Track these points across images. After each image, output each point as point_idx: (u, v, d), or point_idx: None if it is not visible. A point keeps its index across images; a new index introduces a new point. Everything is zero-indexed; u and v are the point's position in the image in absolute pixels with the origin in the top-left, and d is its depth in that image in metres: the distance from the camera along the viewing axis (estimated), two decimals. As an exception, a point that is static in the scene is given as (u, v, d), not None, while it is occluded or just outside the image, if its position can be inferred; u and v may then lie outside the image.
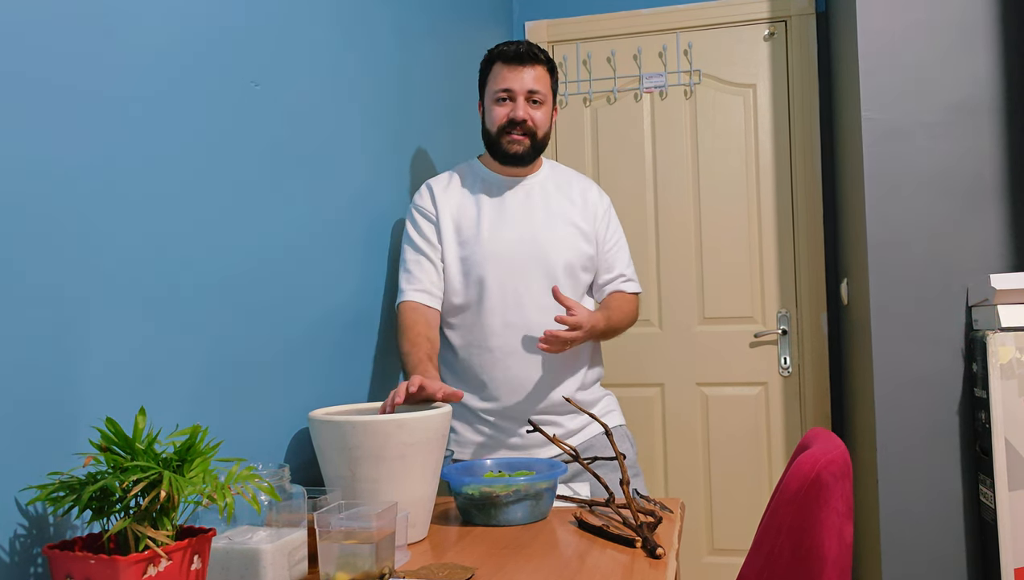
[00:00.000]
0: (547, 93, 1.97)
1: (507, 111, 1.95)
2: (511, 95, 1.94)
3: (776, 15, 3.14)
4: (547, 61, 1.98)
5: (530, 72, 1.94)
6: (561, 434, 1.97)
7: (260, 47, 1.54)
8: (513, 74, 1.94)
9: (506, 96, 1.95)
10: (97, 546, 0.97)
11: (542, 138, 1.98)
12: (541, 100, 1.96)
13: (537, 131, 1.96)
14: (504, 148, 1.96)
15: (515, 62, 1.94)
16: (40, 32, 1.04)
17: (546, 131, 1.99)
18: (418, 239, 1.97)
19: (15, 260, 1.00)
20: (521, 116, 1.94)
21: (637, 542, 1.40)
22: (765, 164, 3.14)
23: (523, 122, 1.94)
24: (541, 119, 1.96)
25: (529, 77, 1.94)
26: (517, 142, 1.95)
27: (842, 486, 1.41)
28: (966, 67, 2.32)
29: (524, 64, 1.94)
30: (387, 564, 1.18)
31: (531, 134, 1.95)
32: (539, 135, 1.97)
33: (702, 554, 3.13)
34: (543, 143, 1.99)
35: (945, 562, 2.28)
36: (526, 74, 1.94)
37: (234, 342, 1.43)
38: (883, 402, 2.34)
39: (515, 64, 1.94)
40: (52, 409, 1.04)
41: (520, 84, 1.94)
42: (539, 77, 1.95)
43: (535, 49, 1.96)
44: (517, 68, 1.94)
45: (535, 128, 1.96)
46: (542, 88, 1.95)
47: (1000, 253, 2.28)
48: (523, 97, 1.94)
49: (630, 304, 2.07)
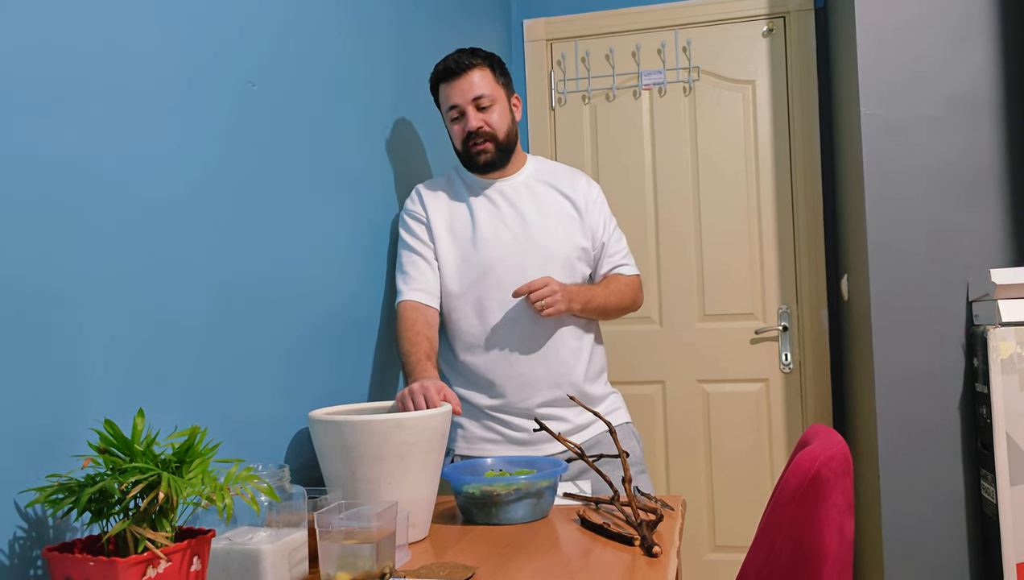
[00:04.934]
0: (494, 92, 1.97)
1: (462, 126, 1.97)
2: (459, 109, 1.96)
3: (775, 11, 3.14)
4: (485, 58, 1.98)
5: (468, 79, 1.95)
6: (568, 430, 1.97)
7: (256, 47, 1.54)
8: (453, 89, 1.96)
9: (456, 112, 1.97)
10: (96, 548, 0.97)
11: (505, 137, 1.98)
12: (489, 103, 1.95)
13: (496, 133, 1.96)
14: (474, 160, 1.98)
15: (451, 77, 1.96)
16: (36, 32, 1.04)
17: (507, 129, 1.98)
18: (412, 241, 1.98)
19: (13, 261, 0.99)
20: (474, 125, 1.95)
21: (636, 540, 1.40)
22: (764, 160, 3.14)
23: (479, 129, 1.95)
24: (497, 120, 1.97)
25: (468, 85, 1.94)
26: (482, 150, 1.96)
27: (843, 482, 1.41)
28: (965, 61, 2.31)
29: (459, 75, 1.95)
30: (388, 564, 1.18)
31: (491, 137, 1.96)
32: (500, 136, 1.97)
33: (704, 551, 3.13)
34: (508, 141, 1.99)
35: (947, 557, 2.28)
36: (464, 83, 1.95)
37: (233, 343, 1.43)
38: (884, 398, 2.33)
39: (451, 79, 1.96)
40: (51, 411, 1.04)
41: (462, 96, 1.95)
42: (480, 80, 1.95)
43: (464, 56, 1.96)
44: (454, 81, 1.95)
45: (493, 131, 1.96)
46: (486, 89, 1.95)
47: (1000, 248, 2.28)
48: (471, 107, 1.95)
49: (626, 285, 2.06)
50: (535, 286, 1.85)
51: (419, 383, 1.63)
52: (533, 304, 1.85)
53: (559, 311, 1.88)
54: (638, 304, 2.11)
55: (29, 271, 1.02)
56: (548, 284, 1.86)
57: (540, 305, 1.85)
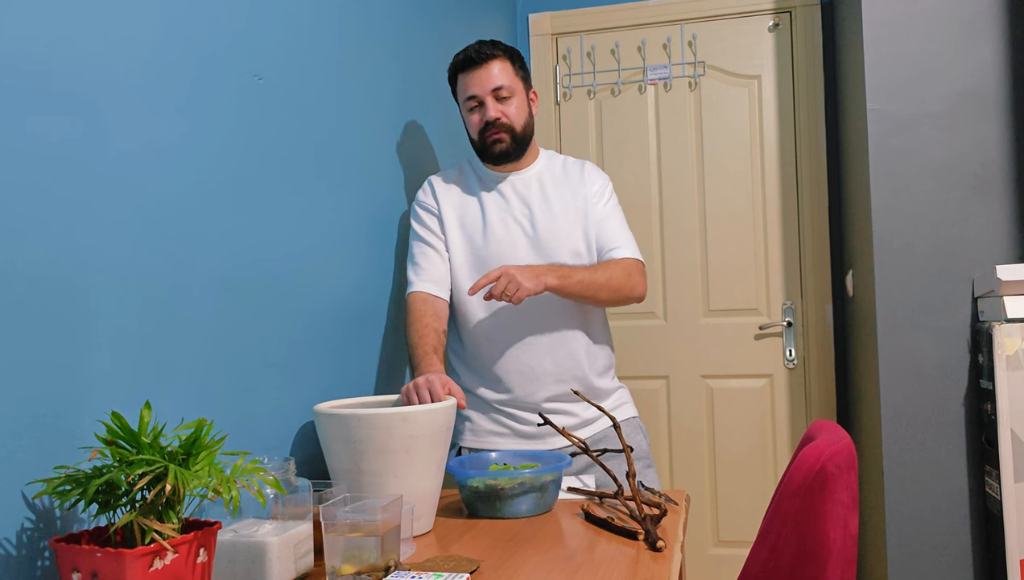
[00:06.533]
0: (513, 84, 1.97)
1: (480, 116, 1.97)
2: (478, 99, 1.96)
3: (781, 6, 3.13)
4: (505, 51, 1.98)
5: (488, 70, 1.95)
6: (575, 424, 1.97)
7: (262, 41, 1.54)
8: (473, 79, 1.96)
9: (475, 103, 1.97)
10: (103, 539, 0.98)
11: (522, 130, 1.98)
12: (508, 94, 1.96)
13: (513, 125, 1.96)
14: (490, 149, 1.97)
15: (471, 66, 1.96)
16: (39, 27, 1.05)
17: (524, 122, 1.99)
18: (423, 232, 1.99)
19: (21, 254, 1.00)
20: (492, 116, 1.95)
21: (640, 535, 1.40)
22: (770, 156, 3.13)
23: (496, 120, 1.95)
24: (515, 113, 1.97)
25: (488, 76, 1.94)
26: (498, 140, 1.96)
27: (847, 477, 1.41)
28: (972, 57, 2.31)
29: (480, 65, 1.95)
30: (392, 557, 1.18)
31: (508, 129, 1.96)
32: (517, 128, 1.97)
33: (707, 546, 3.13)
34: (524, 134, 1.99)
35: (950, 553, 2.28)
36: (484, 74, 1.95)
37: (239, 336, 1.43)
38: (888, 394, 2.33)
39: (472, 68, 1.96)
40: (58, 403, 1.05)
41: (481, 87, 1.95)
42: (500, 71, 1.95)
43: (486, 47, 1.96)
44: (475, 71, 1.95)
45: (510, 123, 1.96)
46: (506, 81, 1.95)
47: (1006, 244, 2.28)
48: (490, 98, 1.95)
49: (619, 266, 1.96)
50: (491, 279, 1.77)
51: (424, 377, 1.64)
52: (499, 299, 1.78)
53: (528, 290, 1.77)
54: (638, 290, 1.97)
55: (35, 264, 1.02)
56: (502, 274, 1.77)
57: (505, 297, 1.77)
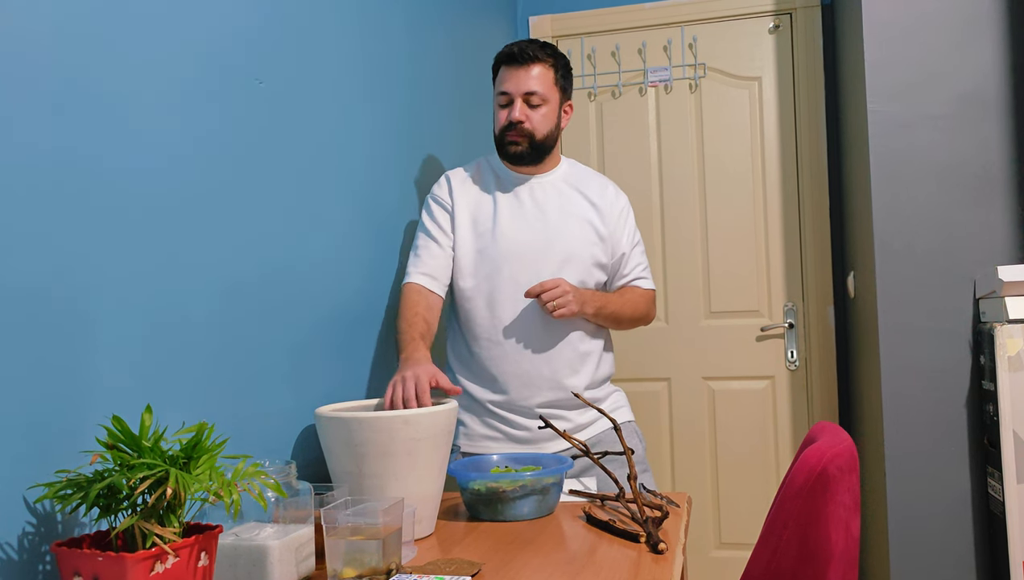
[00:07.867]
0: (548, 93, 1.95)
1: (506, 113, 1.96)
2: (509, 97, 1.95)
3: (781, 8, 3.13)
4: (551, 56, 1.97)
5: (527, 72, 1.93)
6: (570, 428, 1.97)
7: (264, 43, 1.54)
8: (511, 76, 1.95)
9: (506, 99, 1.96)
10: (105, 543, 0.98)
11: (543, 138, 1.96)
12: (539, 101, 1.94)
13: (535, 131, 1.95)
14: (506, 149, 1.97)
15: (513, 63, 1.95)
16: (39, 29, 1.05)
17: (548, 131, 1.97)
18: (431, 226, 1.98)
19: (21, 259, 1.00)
20: (516, 118, 1.94)
21: (641, 537, 1.40)
22: (771, 157, 3.13)
23: (519, 123, 1.94)
24: (540, 120, 1.95)
25: (526, 78, 1.93)
26: (515, 142, 1.95)
27: (848, 479, 1.41)
28: (973, 59, 2.30)
29: (521, 64, 1.94)
30: (394, 560, 1.18)
31: (528, 135, 1.95)
32: (537, 135, 1.95)
33: (709, 548, 3.13)
34: (545, 143, 1.97)
35: (953, 555, 2.28)
36: (523, 74, 1.94)
37: (240, 339, 1.43)
38: (890, 395, 2.33)
39: (513, 65, 1.95)
40: (59, 407, 1.05)
41: (516, 86, 1.94)
42: (539, 76, 1.94)
43: (533, 47, 1.94)
44: (514, 69, 1.95)
45: (532, 130, 1.94)
46: (541, 88, 1.94)
47: (1007, 245, 2.27)
48: (520, 99, 1.94)
49: (641, 297, 2.06)
50: (547, 286, 1.84)
51: (411, 371, 1.62)
52: (545, 305, 1.85)
53: (571, 313, 1.87)
54: (650, 318, 2.11)
55: (37, 269, 1.02)
56: (560, 285, 1.85)
57: (552, 306, 1.84)
